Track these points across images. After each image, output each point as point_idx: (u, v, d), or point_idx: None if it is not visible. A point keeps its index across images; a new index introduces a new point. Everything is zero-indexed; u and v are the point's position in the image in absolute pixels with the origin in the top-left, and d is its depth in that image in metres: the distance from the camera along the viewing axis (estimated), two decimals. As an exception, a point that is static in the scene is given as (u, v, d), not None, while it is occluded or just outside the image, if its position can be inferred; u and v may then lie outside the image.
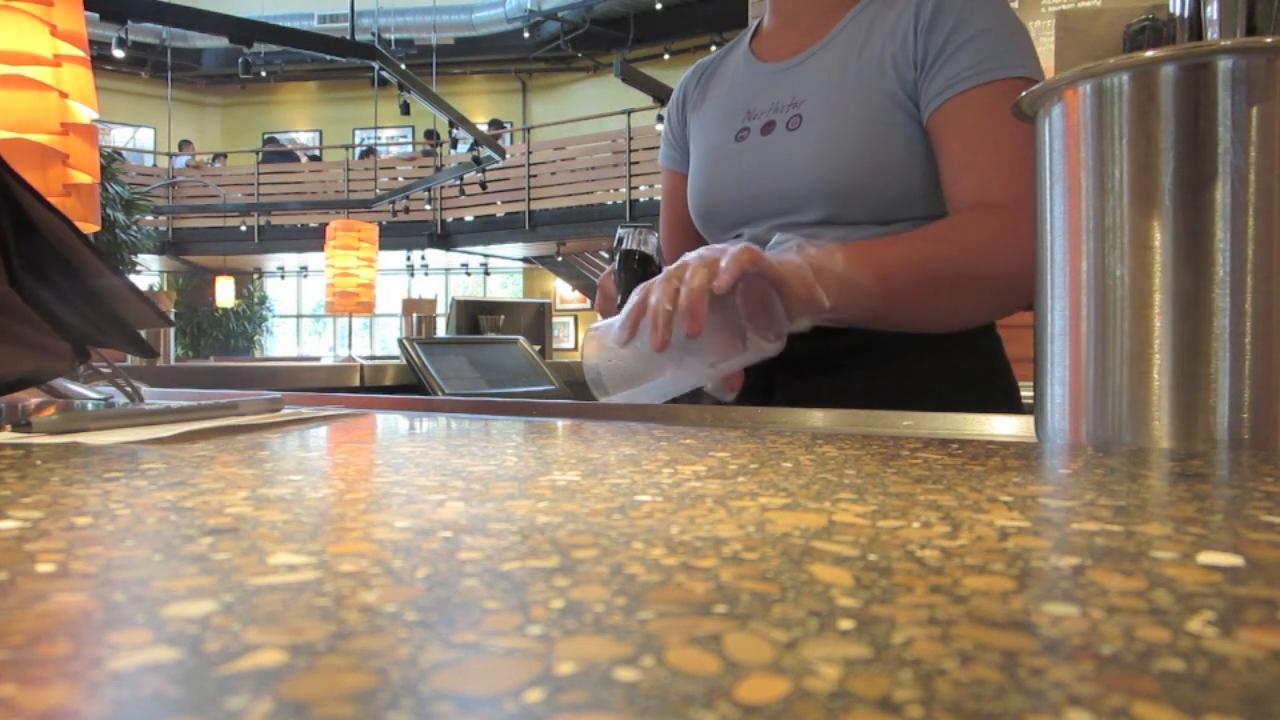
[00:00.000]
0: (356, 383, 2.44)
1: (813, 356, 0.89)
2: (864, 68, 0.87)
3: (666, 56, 11.97)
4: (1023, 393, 0.92)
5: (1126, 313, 0.44)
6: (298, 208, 10.64)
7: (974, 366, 0.90)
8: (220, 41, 6.79)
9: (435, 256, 12.07)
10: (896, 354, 0.86)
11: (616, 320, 0.71)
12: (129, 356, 1.46)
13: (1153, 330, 0.43)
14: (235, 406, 0.60)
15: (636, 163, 9.16)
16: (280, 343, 14.13)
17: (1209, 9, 0.44)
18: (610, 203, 9.47)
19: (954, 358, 0.87)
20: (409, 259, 12.55)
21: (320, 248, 6.51)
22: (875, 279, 0.73)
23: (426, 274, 13.43)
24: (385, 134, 13.62)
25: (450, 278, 13.72)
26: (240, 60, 5.97)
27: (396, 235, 10.43)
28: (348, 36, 6.39)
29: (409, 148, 12.63)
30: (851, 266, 0.72)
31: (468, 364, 2.26)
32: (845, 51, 0.90)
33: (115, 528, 0.23)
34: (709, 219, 1.00)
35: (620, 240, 0.95)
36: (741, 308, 0.66)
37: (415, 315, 3.96)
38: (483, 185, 9.07)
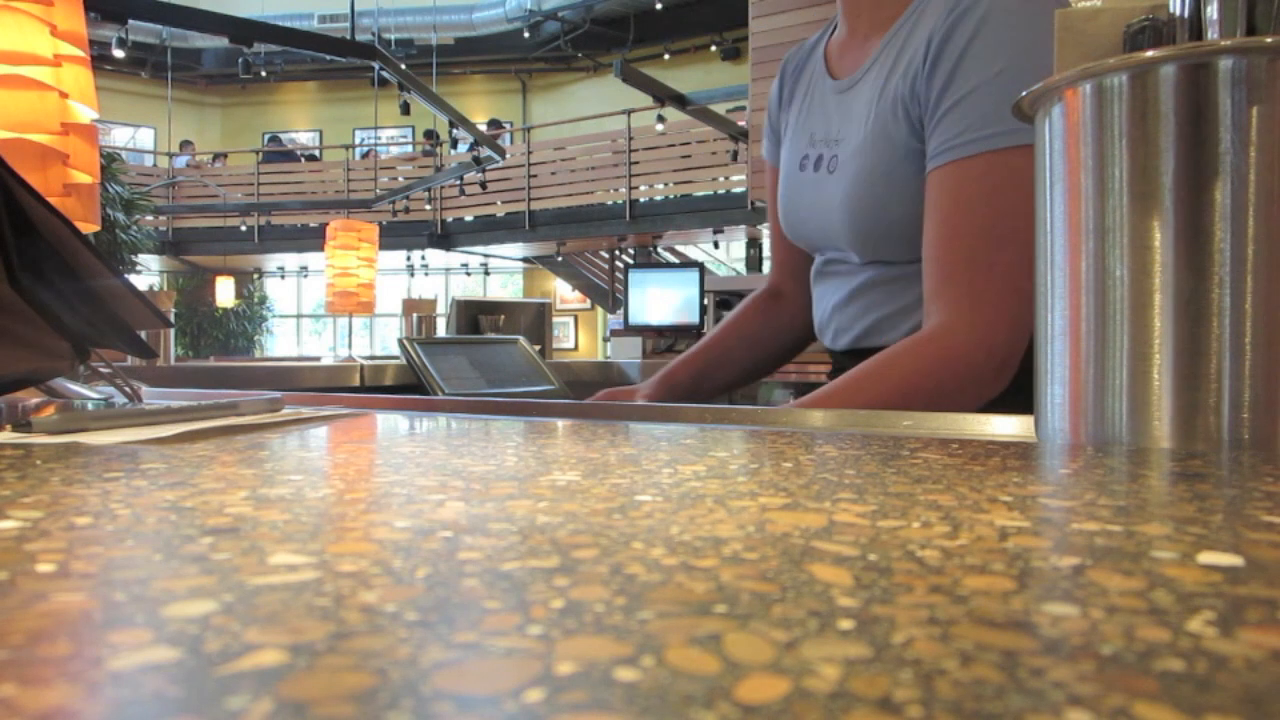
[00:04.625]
0: (356, 383, 2.44)
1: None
2: (882, 112, 0.85)
3: (666, 56, 11.96)
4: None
5: (1126, 313, 0.44)
6: (298, 208, 10.63)
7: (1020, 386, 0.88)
8: (220, 41, 6.79)
9: (435, 256, 12.06)
10: None
11: None
12: (129, 356, 1.46)
13: (1153, 330, 0.43)
14: (235, 406, 0.60)
15: (636, 163, 9.14)
16: (280, 343, 14.14)
17: (1209, 9, 0.44)
18: (610, 203, 9.46)
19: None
20: (409, 259, 12.54)
21: (320, 248, 6.50)
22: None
23: (426, 274, 13.43)
24: (385, 134, 13.62)
25: (450, 278, 13.72)
26: (240, 60, 5.98)
27: (396, 235, 10.42)
28: (348, 36, 6.40)
29: (409, 148, 12.63)
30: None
31: (468, 364, 2.26)
32: (874, 85, 0.87)
33: (115, 528, 0.23)
34: (795, 241, 1.03)
35: None
36: None
37: (415, 315, 3.95)
38: (483, 185, 9.08)
